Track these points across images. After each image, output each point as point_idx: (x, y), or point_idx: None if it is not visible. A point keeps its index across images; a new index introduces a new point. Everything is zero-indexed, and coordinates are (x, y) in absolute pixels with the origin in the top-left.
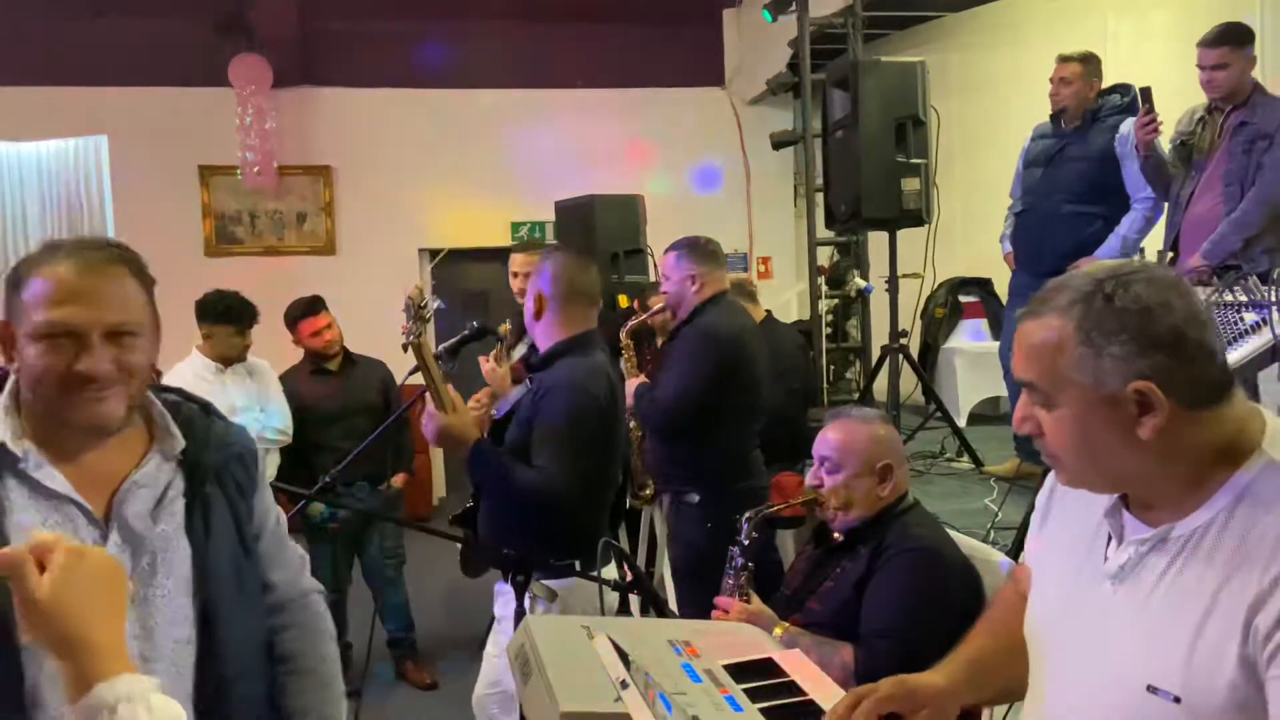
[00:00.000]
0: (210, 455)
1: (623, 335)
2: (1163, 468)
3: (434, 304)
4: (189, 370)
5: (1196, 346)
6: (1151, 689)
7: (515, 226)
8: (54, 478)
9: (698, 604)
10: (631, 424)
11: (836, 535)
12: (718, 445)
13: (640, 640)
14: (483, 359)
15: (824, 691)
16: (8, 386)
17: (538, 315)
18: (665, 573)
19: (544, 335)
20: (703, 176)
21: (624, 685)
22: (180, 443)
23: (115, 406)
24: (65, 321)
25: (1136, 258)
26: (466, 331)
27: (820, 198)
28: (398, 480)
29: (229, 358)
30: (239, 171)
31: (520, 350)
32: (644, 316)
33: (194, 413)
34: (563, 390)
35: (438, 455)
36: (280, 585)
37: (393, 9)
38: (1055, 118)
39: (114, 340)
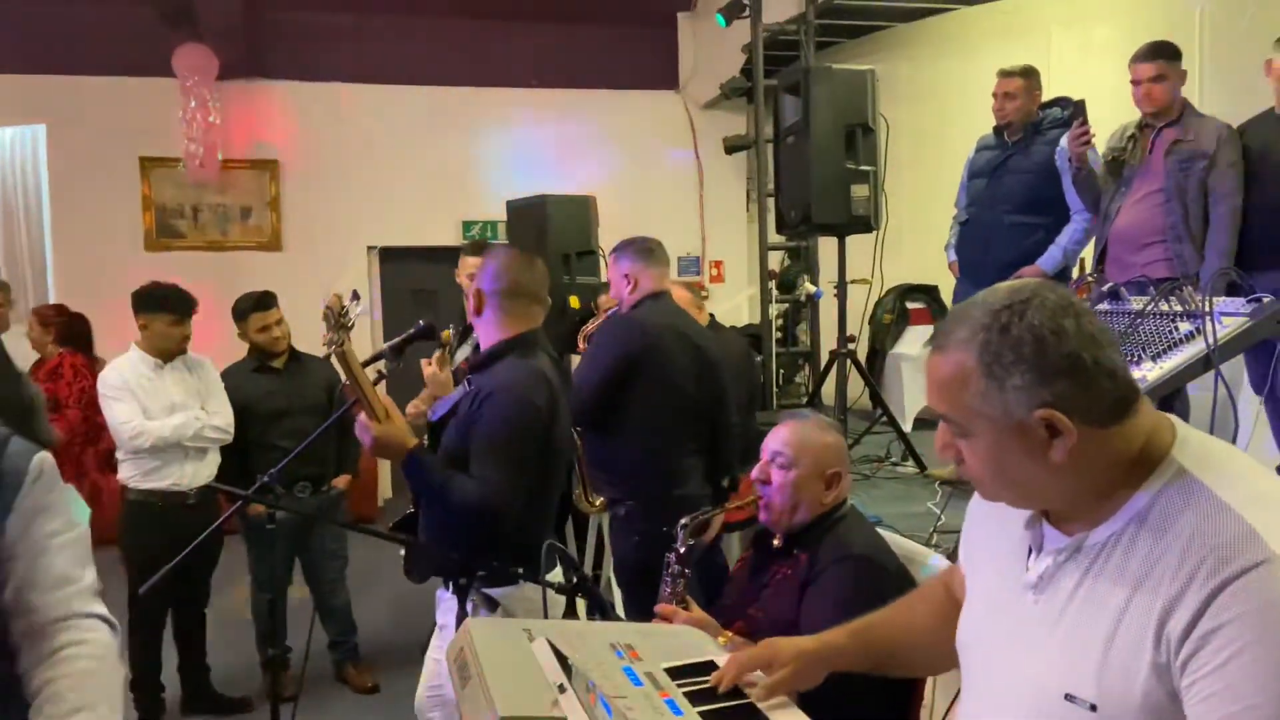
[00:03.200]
0: None
1: (581, 338)
2: (1077, 483)
3: (356, 309)
4: (127, 365)
5: (1095, 368)
6: (1069, 697)
7: (467, 226)
8: None
9: (641, 612)
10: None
11: (775, 541)
12: (631, 447)
13: (582, 643)
14: (424, 362)
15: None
16: None
17: (478, 312)
18: (612, 577)
19: (485, 334)
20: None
21: (561, 689)
22: None
23: None
24: None
25: (1075, 270)
26: (413, 330)
27: (772, 202)
28: (340, 481)
29: (168, 351)
30: (181, 164)
31: (464, 353)
32: (600, 317)
33: None
34: (502, 397)
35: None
36: (37, 609)
37: (342, 1)
38: (998, 130)
39: None
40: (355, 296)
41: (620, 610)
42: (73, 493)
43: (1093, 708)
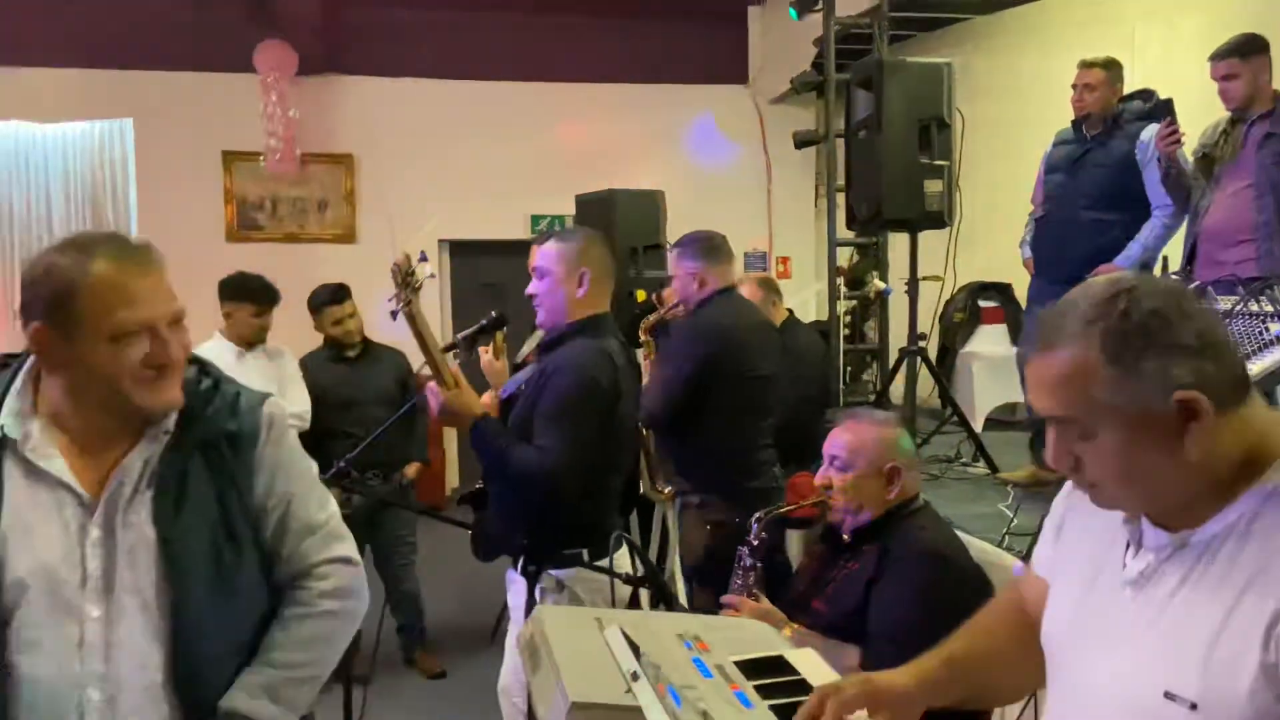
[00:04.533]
0: (197, 431)
1: (642, 331)
2: (1198, 477)
3: (425, 271)
4: (210, 353)
5: (1222, 343)
6: (1169, 695)
7: (535, 220)
8: (51, 461)
9: (705, 604)
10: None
11: (845, 536)
12: (710, 443)
13: (651, 633)
14: (482, 350)
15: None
16: (21, 377)
17: (554, 294)
18: (676, 569)
19: (557, 315)
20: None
21: (635, 677)
22: (169, 422)
23: (179, 388)
24: (140, 319)
25: (1156, 268)
26: (485, 321)
27: (841, 198)
28: (411, 470)
29: (249, 340)
30: (262, 158)
31: (531, 344)
32: (662, 312)
33: (197, 386)
34: (566, 372)
35: (451, 446)
36: (286, 560)
37: None
38: (1077, 124)
39: (175, 327)
40: (423, 257)
41: (684, 602)
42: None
43: (1193, 706)
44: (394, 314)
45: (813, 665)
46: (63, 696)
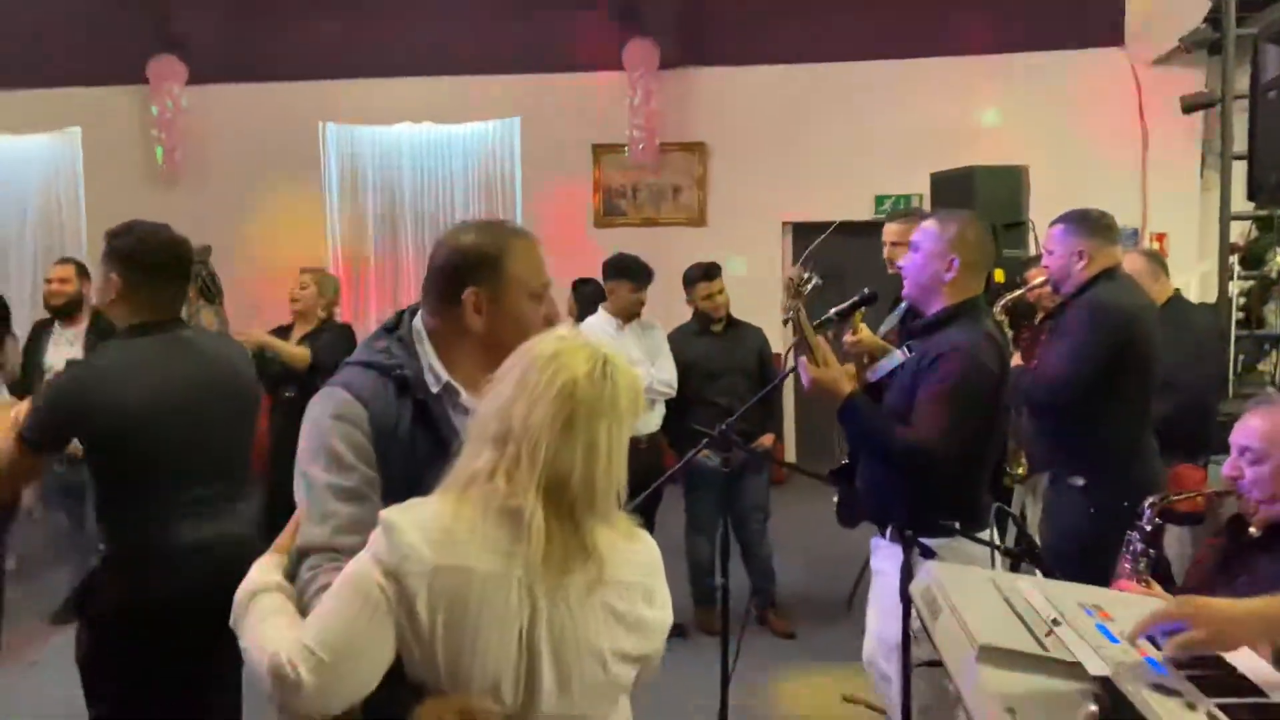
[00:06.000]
0: None
1: (998, 309)
2: None
3: (812, 282)
4: (596, 325)
5: None
6: None
7: (880, 200)
8: (470, 403)
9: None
10: None
11: (1253, 530)
12: (1105, 427)
13: (1052, 595)
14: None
15: (1254, 665)
16: (428, 342)
17: (922, 271)
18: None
19: (925, 293)
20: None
21: (1056, 623)
22: None
23: None
24: (545, 283)
25: None
26: (857, 298)
27: (1238, 168)
28: (766, 440)
29: (628, 314)
30: (626, 149)
31: (889, 324)
32: (1023, 290)
33: None
34: (955, 356)
35: (789, 423)
36: None
37: None
38: None
39: (548, 294)
40: (811, 270)
41: None
42: None
43: None
44: (785, 321)
45: (1243, 654)
46: None
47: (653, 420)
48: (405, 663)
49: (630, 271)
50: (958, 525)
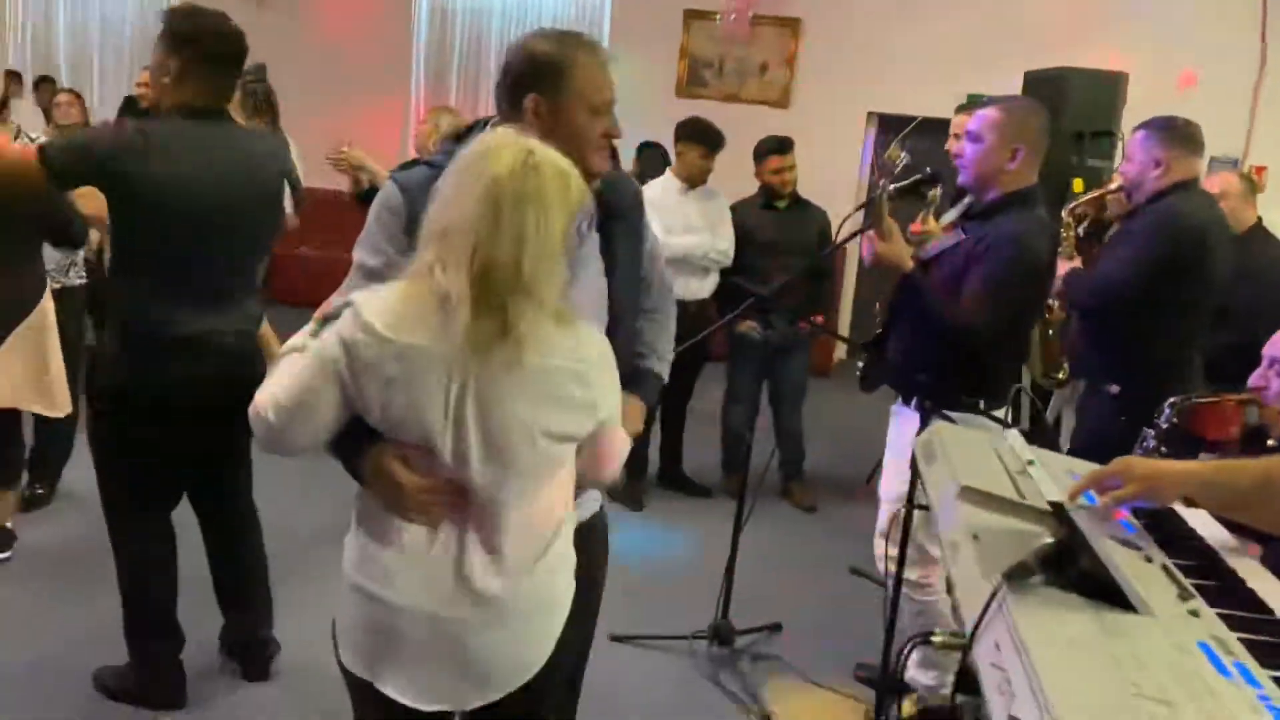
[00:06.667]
0: (616, 198)
1: (1064, 213)
2: None
3: (902, 160)
4: (659, 186)
5: None
6: None
7: (972, 98)
8: None
9: None
10: (1054, 305)
11: (1271, 441)
12: (1150, 339)
13: (1045, 459)
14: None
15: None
16: None
17: (984, 161)
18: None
19: (983, 182)
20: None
21: (1031, 463)
22: (594, 185)
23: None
24: (606, 100)
25: None
26: (919, 175)
27: None
28: (817, 318)
29: (694, 179)
30: (719, 17)
31: (951, 216)
32: (1093, 194)
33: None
34: (1008, 243)
35: (846, 306)
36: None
37: None
38: None
39: (610, 110)
40: (906, 151)
41: None
42: None
43: None
44: (869, 199)
45: (1203, 521)
46: None
47: (703, 287)
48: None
49: (702, 135)
50: (981, 403)
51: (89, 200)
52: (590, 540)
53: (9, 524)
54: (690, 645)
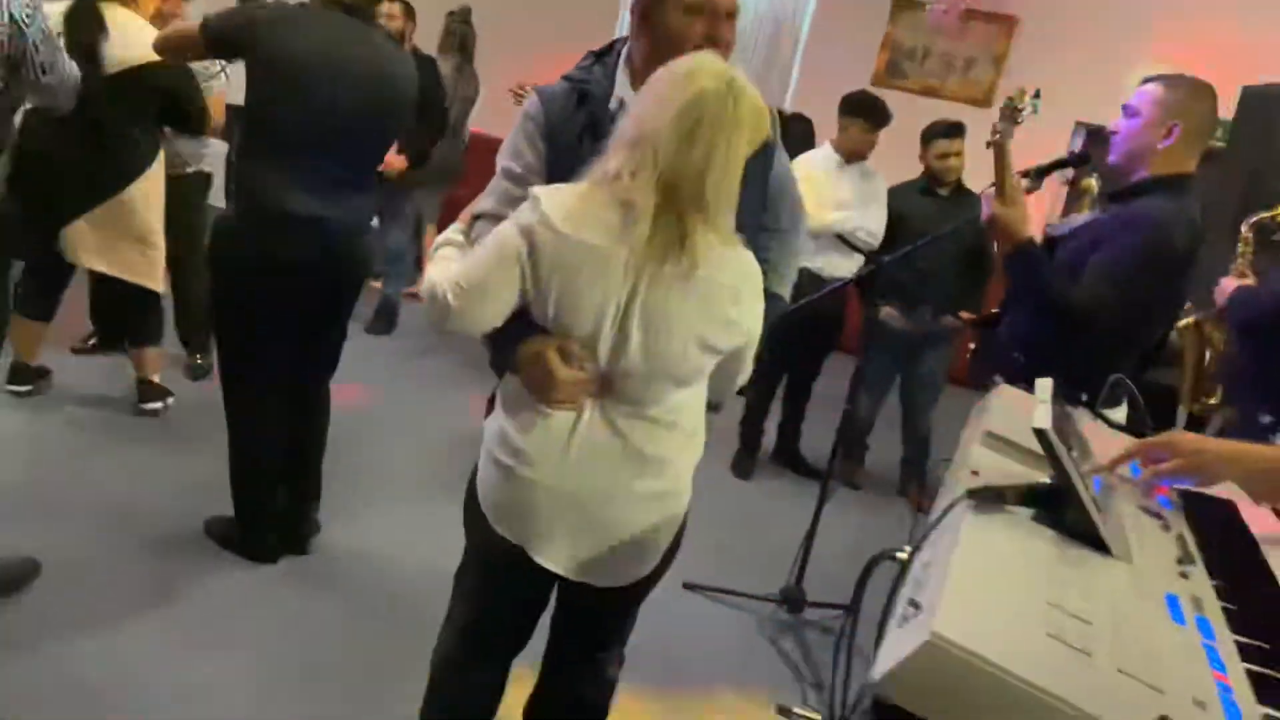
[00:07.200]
0: None
1: (1244, 227)
2: None
3: (1029, 109)
4: (817, 158)
5: None
6: None
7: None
8: None
9: None
10: (1204, 322)
11: None
12: None
13: (1102, 434)
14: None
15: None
16: (623, 53)
17: (1137, 138)
18: None
19: (1133, 160)
20: None
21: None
22: None
23: None
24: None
25: None
26: (1065, 155)
27: None
28: (966, 315)
29: (854, 153)
30: (927, 7)
31: None
32: None
33: None
34: (1140, 228)
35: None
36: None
37: None
38: None
39: (730, 20)
40: (1037, 94)
41: None
42: None
43: None
44: (988, 144)
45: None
46: None
47: (845, 266)
48: (528, 306)
49: (867, 110)
50: (1084, 397)
51: (218, 108)
52: None
53: (156, 378)
54: (760, 607)
